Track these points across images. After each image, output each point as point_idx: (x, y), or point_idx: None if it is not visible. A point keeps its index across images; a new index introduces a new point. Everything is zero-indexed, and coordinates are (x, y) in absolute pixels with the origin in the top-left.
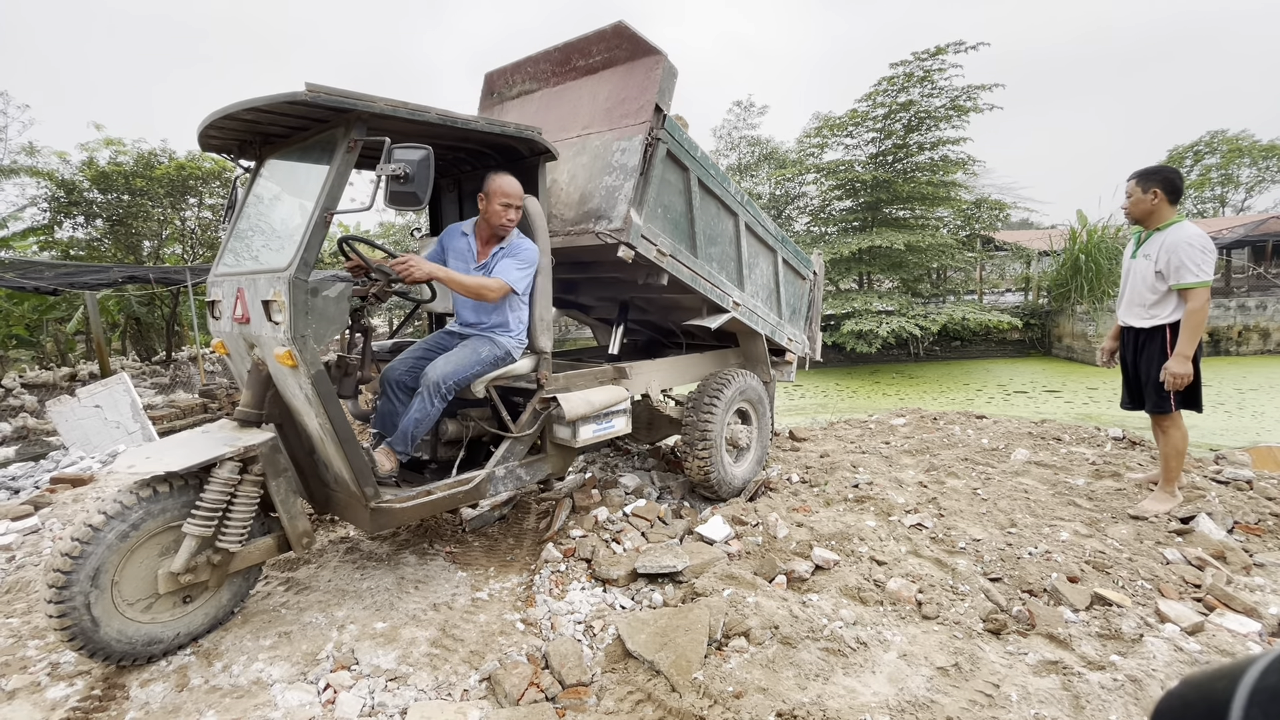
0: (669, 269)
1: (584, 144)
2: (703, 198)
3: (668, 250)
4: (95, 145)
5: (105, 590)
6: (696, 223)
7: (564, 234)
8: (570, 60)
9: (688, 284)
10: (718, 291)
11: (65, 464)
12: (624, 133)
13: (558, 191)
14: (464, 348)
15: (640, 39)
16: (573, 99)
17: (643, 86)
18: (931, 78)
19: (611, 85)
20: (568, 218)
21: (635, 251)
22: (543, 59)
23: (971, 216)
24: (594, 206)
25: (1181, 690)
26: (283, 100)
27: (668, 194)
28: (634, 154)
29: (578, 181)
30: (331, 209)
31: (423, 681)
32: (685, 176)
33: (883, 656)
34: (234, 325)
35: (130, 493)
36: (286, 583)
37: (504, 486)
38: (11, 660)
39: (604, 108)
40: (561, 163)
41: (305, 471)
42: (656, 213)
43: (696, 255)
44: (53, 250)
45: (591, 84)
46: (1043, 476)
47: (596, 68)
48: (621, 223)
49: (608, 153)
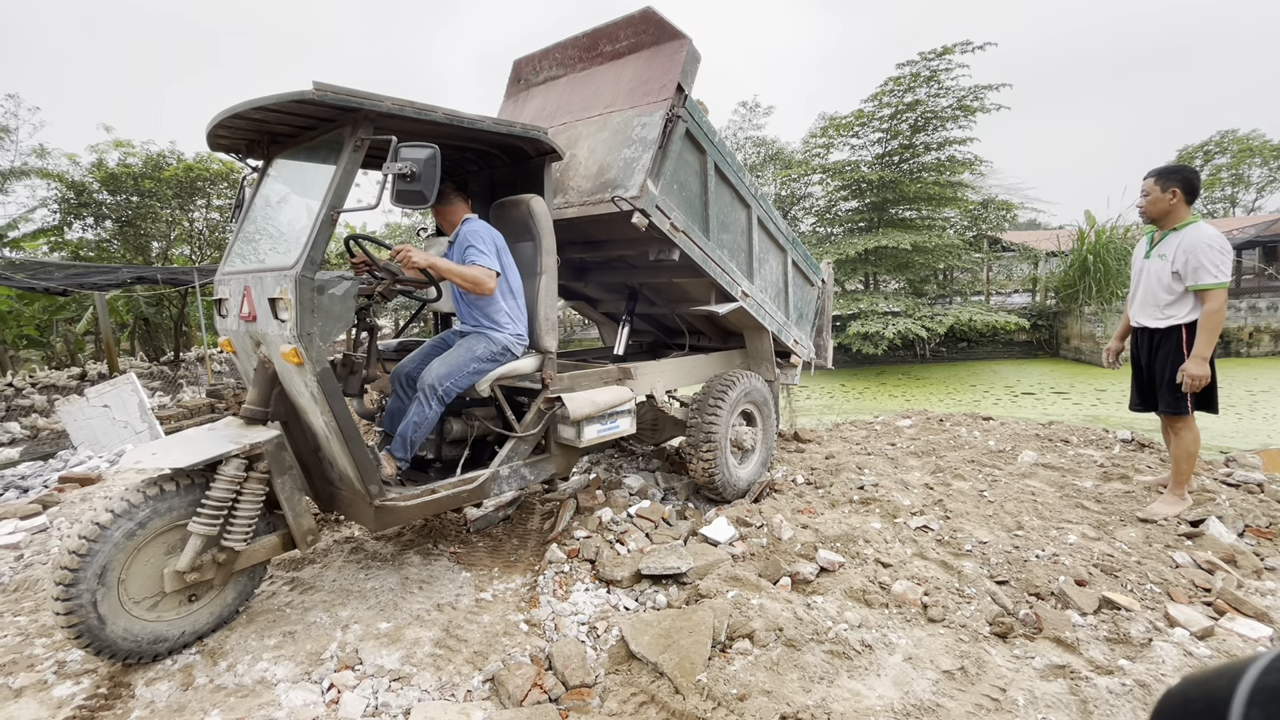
0: (681, 245)
1: (605, 121)
2: (718, 183)
3: (681, 226)
4: (104, 147)
5: (112, 588)
6: (710, 206)
7: (579, 204)
8: (597, 45)
9: (698, 265)
10: (727, 278)
11: (73, 463)
12: (645, 109)
13: (576, 165)
14: (458, 347)
15: (666, 24)
16: (597, 82)
17: (666, 68)
18: (938, 78)
19: (635, 68)
20: (585, 189)
21: (649, 221)
22: (570, 45)
23: (978, 217)
24: (611, 177)
25: (1182, 688)
26: (290, 99)
27: (684, 172)
28: (654, 128)
29: (597, 155)
30: (338, 208)
31: (426, 682)
32: (702, 159)
33: (888, 659)
34: (240, 323)
35: (138, 491)
36: (291, 582)
37: (508, 486)
38: (19, 658)
39: (627, 88)
40: (581, 139)
41: (310, 469)
42: (672, 188)
43: (709, 238)
44: (62, 251)
45: (616, 68)
46: (1050, 479)
47: (623, 52)
48: (638, 190)
49: (628, 128)
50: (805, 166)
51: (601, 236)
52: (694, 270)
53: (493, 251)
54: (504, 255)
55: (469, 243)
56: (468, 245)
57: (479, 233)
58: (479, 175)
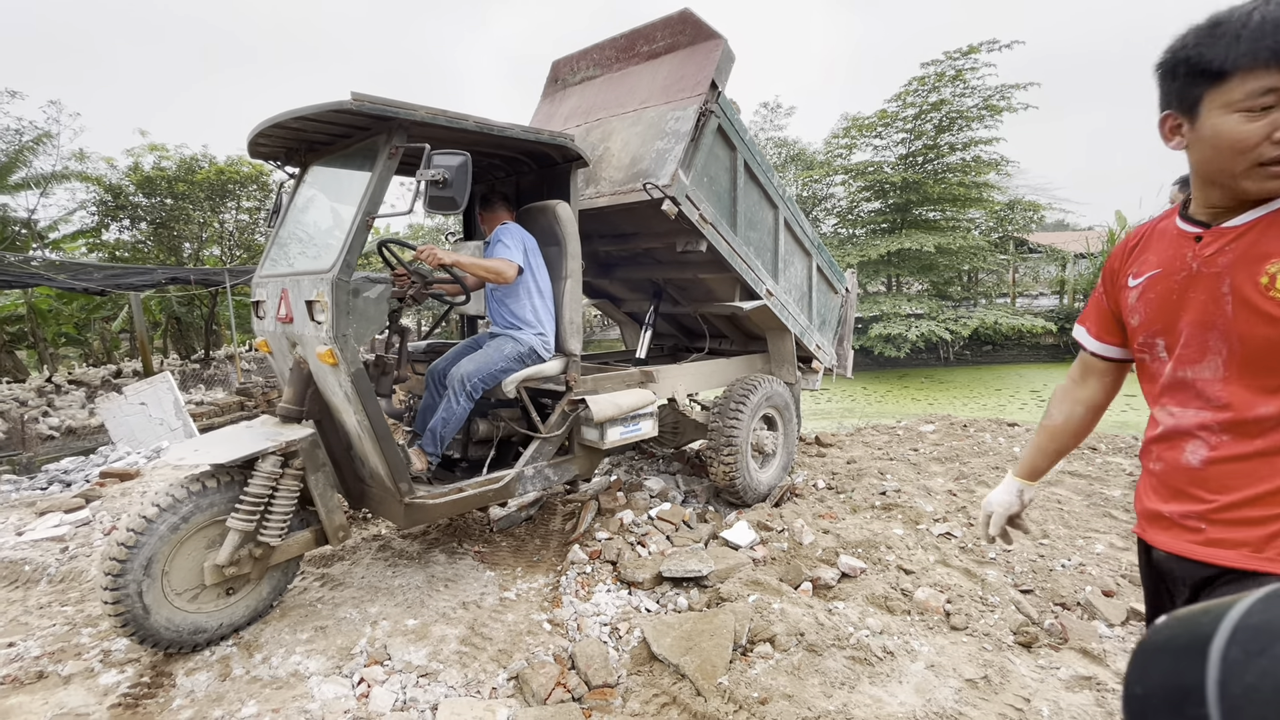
0: (709, 236)
1: (639, 116)
2: (747, 181)
3: (709, 218)
4: (140, 150)
5: (156, 579)
6: (739, 203)
7: (611, 194)
8: (635, 46)
9: (724, 259)
10: (752, 275)
11: (113, 459)
12: (679, 104)
13: (609, 158)
14: (488, 347)
15: (703, 24)
16: (632, 81)
17: (701, 65)
18: (963, 77)
19: (671, 67)
20: (616, 179)
21: (679, 209)
22: (608, 46)
23: (1004, 218)
24: (644, 168)
25: (1167, 625)
26: (329, 109)
27: (714, 167)
28: (687, 121)
29: (630, 148)
30: (373, 213)
31: (452, 678)
32: (733, 156)
33: (910, 667)
34: (277, 325)
35: (181, 487)
36: (322, 578)
37: (532, 486)
38: (67, 647)
39: (662, 85)
40: (615, 133)
41: (341, 467)
42: (703, 181)
43: (736, 233)
44: (100, 252)
45: (652, 67)
46: (1077, 487)
47: (659, 53)
48: (669, 179)
49: (662, 121)
50: (827, 168)
51: (630, 229)
52: (719, 265)
53: (519, 248)
54: (533, 256)
55: (498, 239)
56: (497, 241)
57: (510, 231)
58: (506, 181)
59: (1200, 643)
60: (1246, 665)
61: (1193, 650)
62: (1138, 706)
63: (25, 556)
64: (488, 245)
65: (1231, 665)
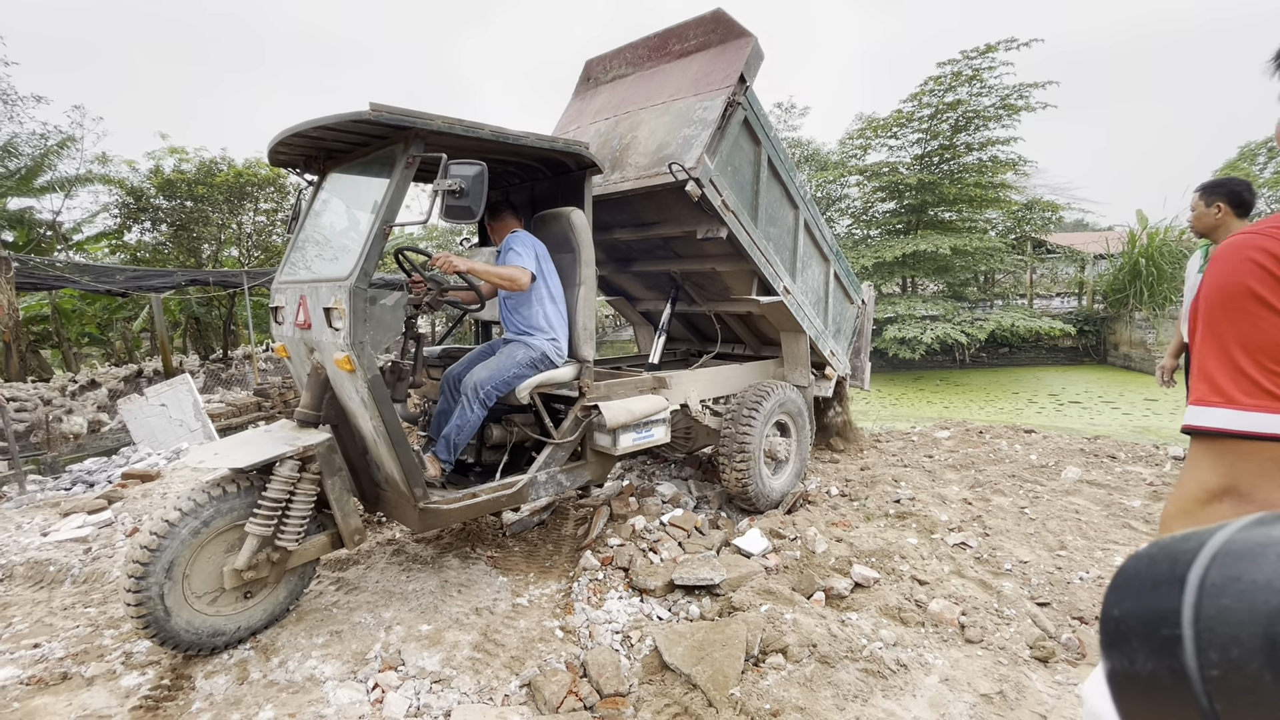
0: (730, 224)
1: (668, 108)
2: (769, 177)
3: (732, 206)
4: (160, 153)
5: (178, 583)
6: (760, 196)
7: (635, 178)
8: (667, 45)
9: (744, 249)
10: (770, 269)
11: (134, 460)
12: (707, 95)
13: (636, 145)
14: (501, 354)
15: (734, 23)
16: (663, 77)
17: (731, 60)
18: (980, 76)
19: (701, 63)
20: (642, 164)
21: (702, 193)
22: (641, 45)
23: (1022, 219)
24: (670, 152)
25: (1149, 550)
26: (349, 118)
27: (738, 158)
28: (714, 110)
29: (657, 135)
30: (390, 221)
31: (465, 685)
32: (757, 151)
33: (924, 680)
34: (295, 330)
35: (203, 492)
36: (337, 582)
37: (545, 491)
38: (90, 648)
39: (692, 79)
40: (643, 123)
41: (357, 471)
42: (726, 170)
43: (756, 226)
44: (122, 253)
45: (683, 64)
46: (1095, 496)
47: (690, 50)
48: (694, 162)
49: (689, 111)
50: (842, 168)
51: (651, 217)
52: (738, 257)
53: (531, 255)
54: (545, 262)
55: (510, 246)
56: (509, 249)
57: (521, 239)
58: (521, 188)
59: (1181, 568)
60: (1223, 588)
61: (1173, 574)
62: (1113, 627)
63: (50, 557)
64: (499, 253)
65: (1209, 589)
